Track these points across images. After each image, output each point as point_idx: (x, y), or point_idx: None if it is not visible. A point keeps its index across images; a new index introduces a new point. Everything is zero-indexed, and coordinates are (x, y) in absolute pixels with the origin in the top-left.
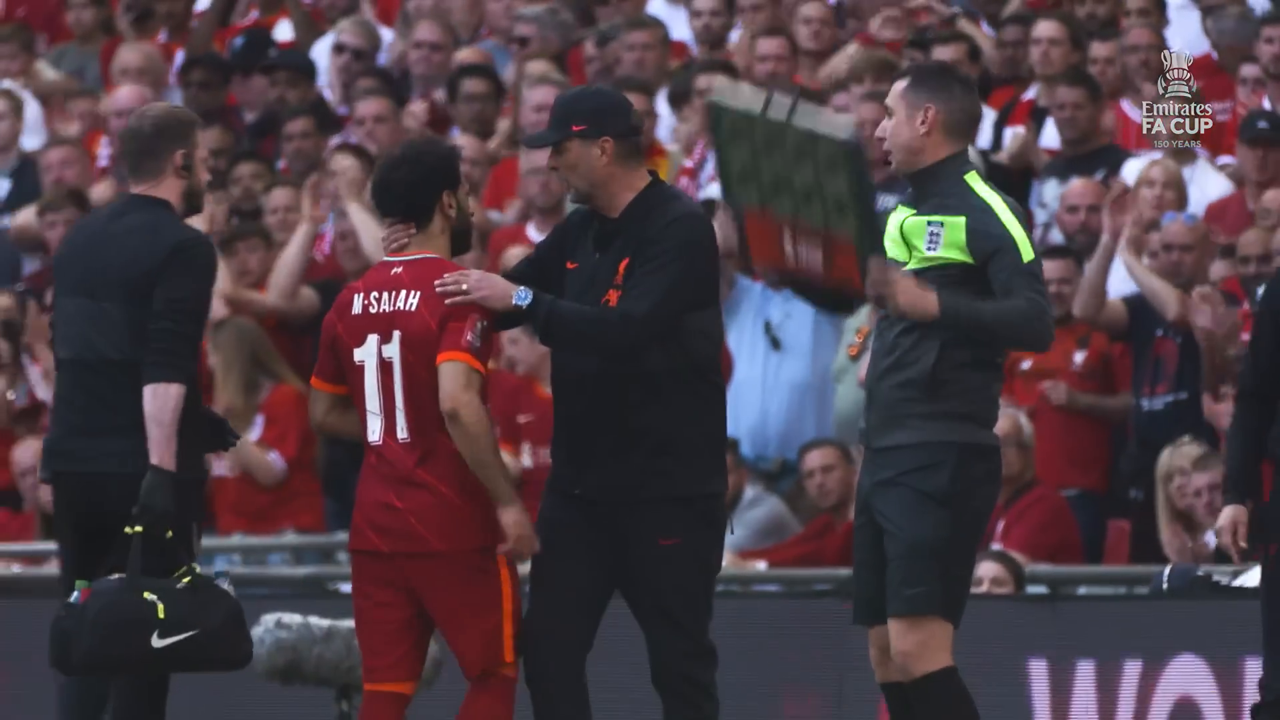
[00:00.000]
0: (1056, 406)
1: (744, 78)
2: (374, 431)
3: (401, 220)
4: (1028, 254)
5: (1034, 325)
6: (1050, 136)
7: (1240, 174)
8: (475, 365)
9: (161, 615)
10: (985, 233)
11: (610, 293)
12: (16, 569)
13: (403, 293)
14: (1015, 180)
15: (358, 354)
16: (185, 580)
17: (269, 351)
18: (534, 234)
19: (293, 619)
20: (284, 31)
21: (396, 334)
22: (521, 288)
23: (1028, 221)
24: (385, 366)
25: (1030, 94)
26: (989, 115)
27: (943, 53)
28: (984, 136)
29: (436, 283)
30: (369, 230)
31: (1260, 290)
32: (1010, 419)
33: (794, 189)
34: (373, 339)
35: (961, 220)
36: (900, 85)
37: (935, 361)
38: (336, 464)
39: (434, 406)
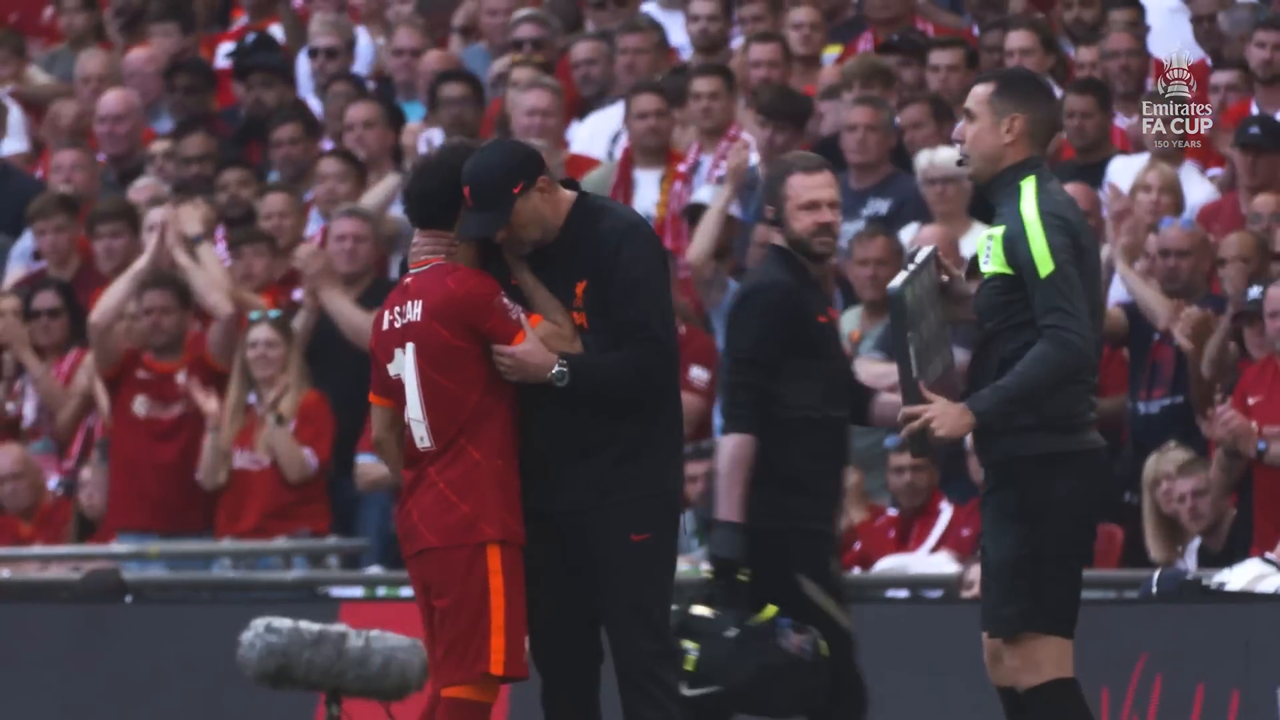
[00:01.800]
0: None
1: (740, 83)
2: (416, 439)
3: (425, 229)
4: (1045, 268)
5: (1059, 363)
6: None
7: (1227, 180)
8: (534, 323)
9: (691, 667)
10: (1014, 246)
11: (574, 315)
12: (5, 573)
13: (409, 304)
14: None
15: (391, 369)
16: (735, 630)
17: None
18: None
19: (283, 623)
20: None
21: (410, 345)
22: (556, 365)
23: (1064, 229)
24: (408, 378)
25: None
26: None
27: (940, 57)
28: None
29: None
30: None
31: (1254, 291)
32: None
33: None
34: (398, 353)
35: (1002, 232)
36: (984, 90)
37: (995, 377)
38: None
39: (451, 411)
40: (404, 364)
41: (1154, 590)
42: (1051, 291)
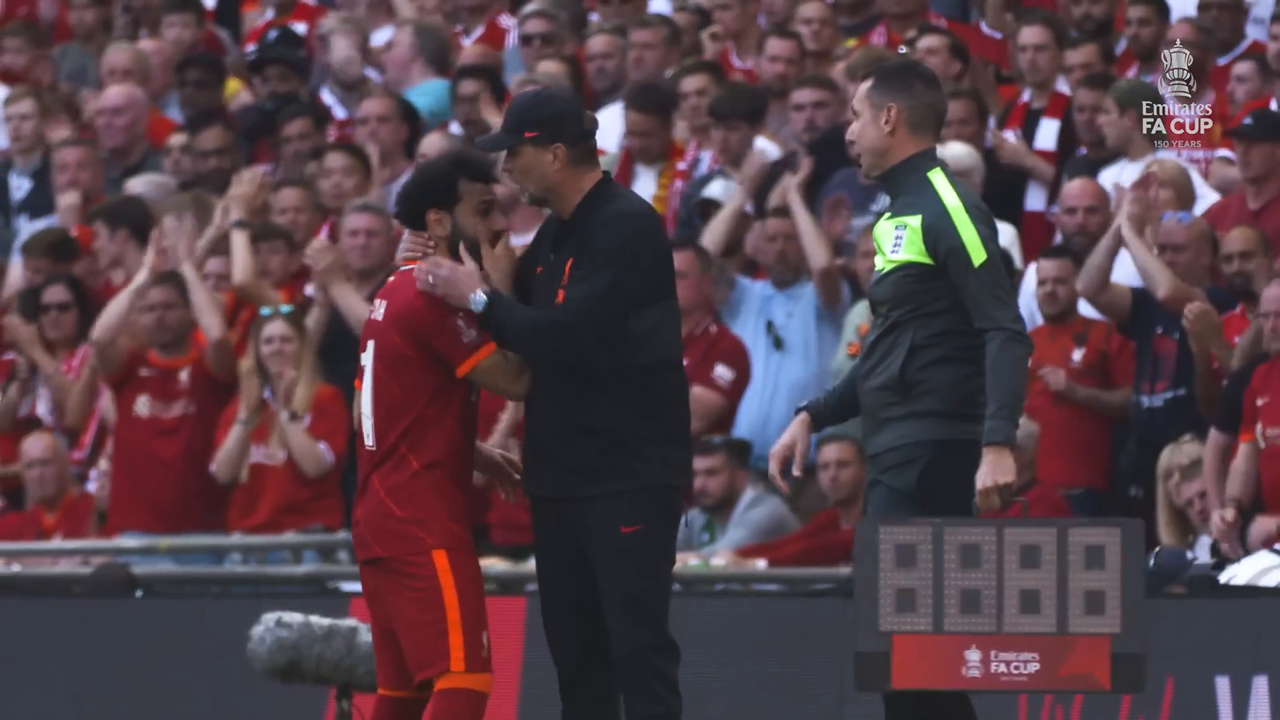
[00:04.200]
0: (1055, 396)
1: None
2: (364, 436)
3: (412, 231)
4: (978, 256)
5: (1023, 356)
6: (1044, 139)
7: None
8: (491, 351)
9: None
10: (939, 234)
11: (560, 293)
12: (16, 568)
13: (379, 303)
14: (1009, 183)
15: (363, 359)
16: None
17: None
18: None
19: (293, 618)
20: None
21: (371, 343)
22: (481, 291)
23: (987, 219)
24: (366, 373)
25: (1025, 96)
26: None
27: (927, 42)
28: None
29: (414, 270)
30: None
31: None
32: None
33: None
34: (368, 344)
35: (919, 220)
36: (864, 86)
37: (903, 363)
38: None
39: (395, 415)
40: (366, 359)
41: (1151, 565)
42: (987, 280)
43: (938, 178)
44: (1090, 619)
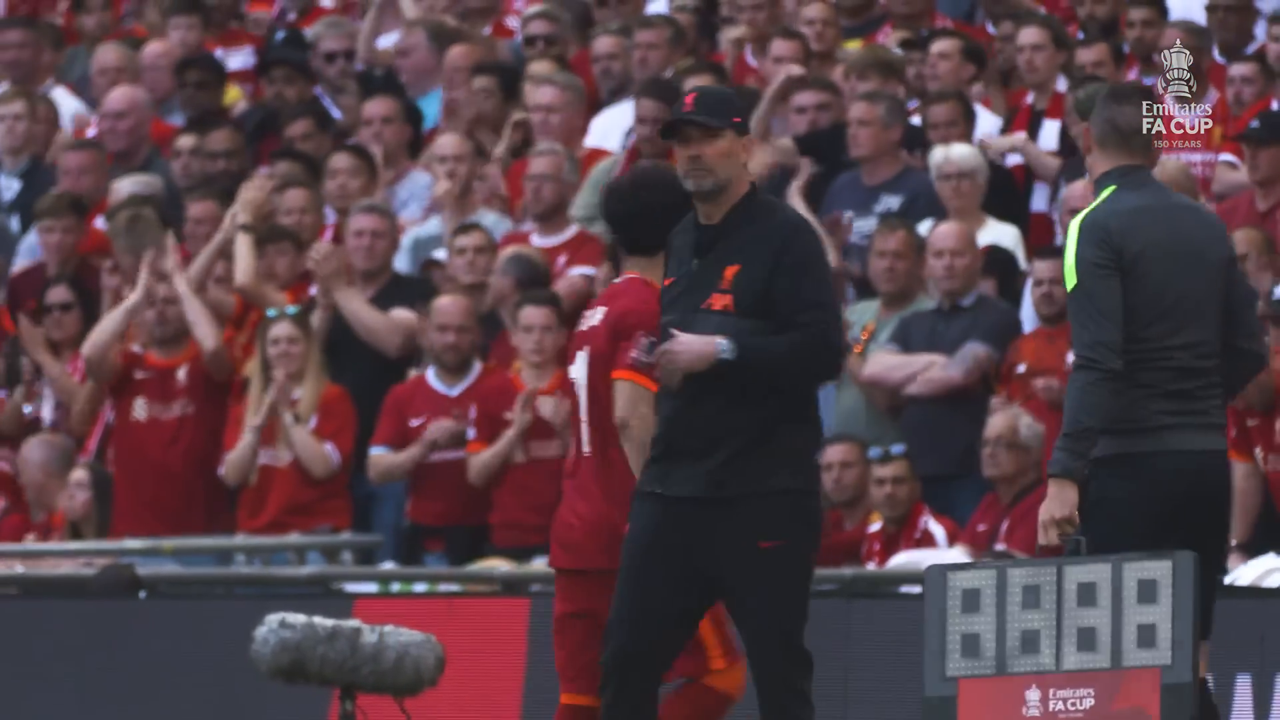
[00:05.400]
0: (1050, 404)
1: (733, 79)
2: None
3: (625, 248)
4: (1070, 280)
5: (1077, 381)
6: (1046, 140)
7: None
8: (642, 382)
9: None
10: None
11: (713, 296)
12: (19, 568)
13: (594, 311)
14: (1015, 184)
15: (571, 371)
16: None
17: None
18: (537, 239)
19: (297, 619)
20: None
21: (585, 350)
22: (721, 340)
23: (1099, 239)
24: (580, 382)
25: (1029, 98)
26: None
27: (939, 46)
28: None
29: (634, 353)
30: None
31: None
32: (1008, 419)
33: (1054, 636)
34: (579, 355)
35: None
36: None
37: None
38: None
39: (609, 423)
40: (578, 368)
41: None
42: (1073, 305)
43: (1101, 194)
44: (1143, 652)
